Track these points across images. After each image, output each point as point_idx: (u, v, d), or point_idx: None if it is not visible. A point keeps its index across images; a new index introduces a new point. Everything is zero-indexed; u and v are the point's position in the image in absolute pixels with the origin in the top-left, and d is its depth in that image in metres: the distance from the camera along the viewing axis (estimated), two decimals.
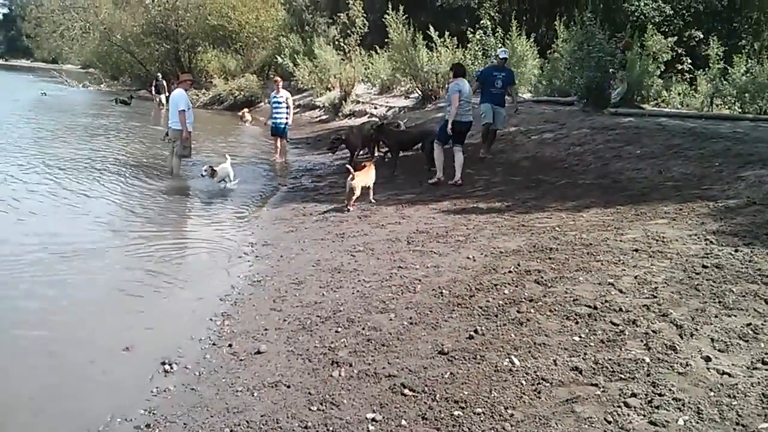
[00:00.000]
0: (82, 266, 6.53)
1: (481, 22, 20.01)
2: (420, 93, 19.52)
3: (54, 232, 7.62)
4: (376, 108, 20.84)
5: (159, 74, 30.17)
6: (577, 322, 4.09)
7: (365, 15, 24.21)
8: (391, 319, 4.61)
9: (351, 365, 4.00)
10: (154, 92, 28.55)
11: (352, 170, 8.72)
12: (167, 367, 4.35)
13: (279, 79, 15.11)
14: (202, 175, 10.61)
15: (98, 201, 9.50)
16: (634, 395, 3.18)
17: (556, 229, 6.40)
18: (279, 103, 14.26)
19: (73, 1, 41.70)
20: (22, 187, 9.88)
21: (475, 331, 4.14)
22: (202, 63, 37.01)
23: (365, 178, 8.85)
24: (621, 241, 5.68)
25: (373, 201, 8.95)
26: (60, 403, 3.97)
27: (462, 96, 9.47)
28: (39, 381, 4.22)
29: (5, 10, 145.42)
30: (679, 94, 16.20)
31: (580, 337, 3.89)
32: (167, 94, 19.86)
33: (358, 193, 8.62)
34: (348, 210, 8.63)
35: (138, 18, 38.47)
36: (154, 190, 10.44)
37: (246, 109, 25.02)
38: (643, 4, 19.90)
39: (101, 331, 5.06)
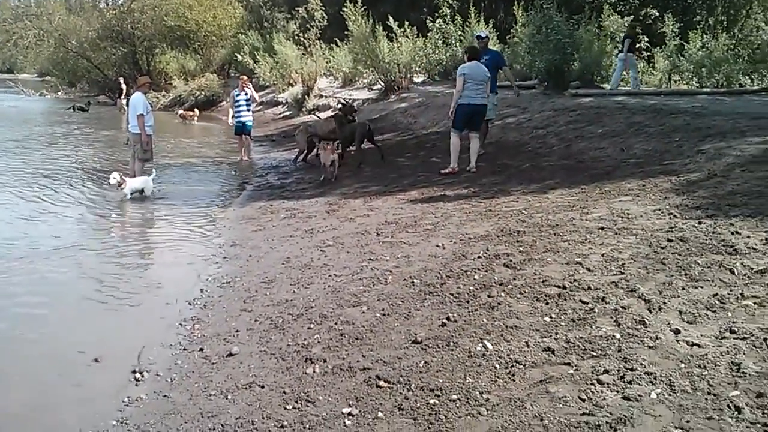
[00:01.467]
0: (46, 276, 6.39)
1: (440, 10, 20.01)
2: (383, 84, 19.48)
3: (14, 242, 7.45)
4: (339, 102, 20.74)
5: (121, 78, 29.66)
6: (547, 303, 4.09)
7: (324, 8, 24.07)
8: (363, 312, 4.58)
9: (325, 361, 3.96)
10: (118, 97, 28.17)
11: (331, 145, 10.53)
12: (138, 375, 4.27)
13: (245, 77, 14.97)
14: (110, 183, 9.95)
15: (60, 209, 9.29)
16: (606, 372, 3.19)
17: (523, 212, 6.42)
18: (246, 101, 14.17)
19: (25, 8, 40.94)
20: None
21: (448, 319, 4.13)
22: (161, 65, 36.52)
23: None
24: (587, 220, 5.72)
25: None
26: (30, 419, 3.86)
27: (469, 78, 8.95)
28: (7, 396, 4.12)
29: None
30: (638, 72, 16.42)
31: (550, 317, 3.90)
32: (128, 98, 19.58)
33: (337, 164, 10.22)
34: (334, 180, 10.10)
35: (93, 23, 37.85)
36: (116, 196, 10.22)
37: (181, 110, 25.26)
38: None
39: (69, 342, 4.95)
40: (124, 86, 27.58)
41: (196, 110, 25.64)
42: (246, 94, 14.24)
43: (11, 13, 40.75)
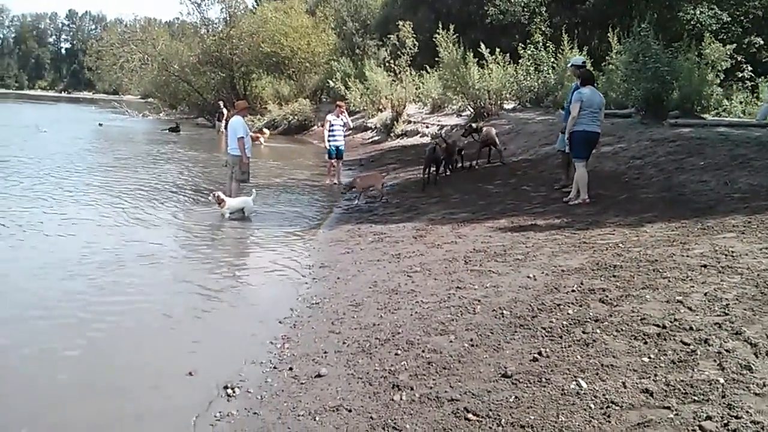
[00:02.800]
0: (142, 289, 6.69)
1: (533, 37, 19.86)
2: (472, 110, 19.45)
3: (114, 255, 7.85)
4: (428, 127, 20.87)
5: (221, 102, 30.95)
6: (645, 342, 3.93)
7: (415, 36, 24.34)
8: (451, 341, 4.55)
9: (412, 389, 3.94)
10: (218, 120, 29.27)
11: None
12: (230, 391, 4.38)
13: (342, 103, 15.35)
14: (210, 200, 10.60)
15: (158, 225, 9.78)
16: (709, 418, 3.04)
17: (620, 245, 6.22)
18: (342, 126, 14.57)
19: (131, 34, 43.46)
20: (83, 212, 10.36)
21: (539, 353, 4.03)
22: (257, 89, 37.86)
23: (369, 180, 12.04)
24: (688, 256, 5.47)
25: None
26: (130, 430, 4.02)
27: (587, 104, 8.67)
28: (104, 405, 4.31)
29: (67, 45, 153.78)
30: (741, 102, 15.70)
31: (649, 357, 3.75)
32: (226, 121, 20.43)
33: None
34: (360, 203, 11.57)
35: (194, 48, 39.84)
36: (213, 214, 10.65)
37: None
38: (699, 12, 19.43)
39: (164, 355, 5.17)
40: (225, 110, 28.53)
41: (265, 131, 26.19)
42: (342, 119, 14.60)
43: (118, 38, 43.31)
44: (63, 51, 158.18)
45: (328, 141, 14.49)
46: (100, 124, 33.26)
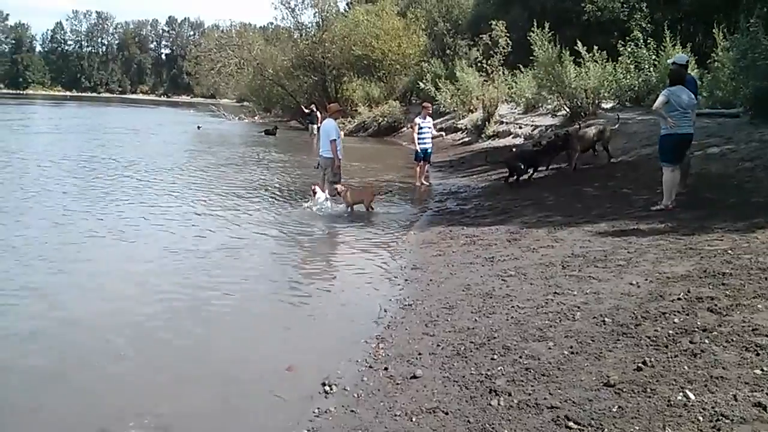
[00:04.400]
0: (241, 289, 6.89)
1: (632, 33, 19.14)
2: (568, 110, 18.93)
3: (212, 253, 8.18)
4: (521, 128, 20.50)
5: (313, 105, 31.56)
6: (758, 354, 3.71)
7: (508, 35, 23.96)
8: (549, 348, 4.43)
9: (510, 394, 3.87)
10: (310, 122, 29.76)
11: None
12: (327, 388, 4.45)
13: (428, 105, 15.30)
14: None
15: (254, 224, 10.11)
16: None
17: (729, 252, 5.88)
18: (429, 128, 14.54)
19: (228, 39, 45.24)
20: (190, 210, 10.88)
21: (644, 363, 3.87)
22: (348, 92, 38.40)
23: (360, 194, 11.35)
24: None
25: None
26: (230, 419, 4.16)
27: (675, 106, 8.21)
28: (210, 396, 4.47)
29: (167, 51, 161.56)
30: None
31: (762, 370, 3.53)
32: (318, 124, 20.81)
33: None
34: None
35: (288, 52, 40.98)
36: (307, 215, 10.90)
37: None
38: None
39: (263, 351, 5.33)
40: (318, 114, 28.87)
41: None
42: (429, 121, 14.56)
43: (215, 44, 45.14)
44: (163, 56, 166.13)
45: (418, 143, 14.45)
46: (199, 127, 34.76)
